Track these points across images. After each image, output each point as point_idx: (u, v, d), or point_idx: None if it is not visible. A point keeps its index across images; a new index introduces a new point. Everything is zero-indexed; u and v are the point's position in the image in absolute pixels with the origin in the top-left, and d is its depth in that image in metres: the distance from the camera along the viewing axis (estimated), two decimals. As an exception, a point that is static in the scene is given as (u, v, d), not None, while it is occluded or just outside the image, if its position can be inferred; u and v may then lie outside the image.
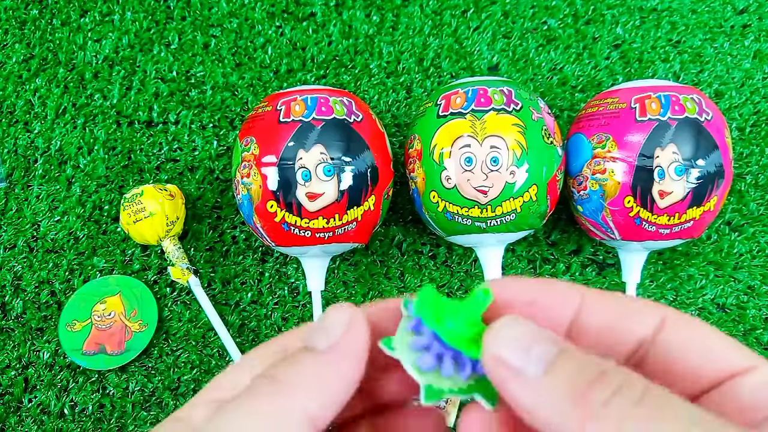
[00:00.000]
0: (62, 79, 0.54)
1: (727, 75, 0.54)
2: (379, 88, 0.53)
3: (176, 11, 0.56)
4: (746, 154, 0.52)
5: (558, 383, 0.14)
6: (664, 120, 0.40)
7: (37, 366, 0.47)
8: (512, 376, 0.14)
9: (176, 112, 0.53)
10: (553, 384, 0.14)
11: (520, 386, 0.14)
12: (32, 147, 0.52)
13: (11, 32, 0.55)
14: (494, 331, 0.15)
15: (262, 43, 0.55)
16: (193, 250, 0.50)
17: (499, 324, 0.15)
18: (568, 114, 0.53)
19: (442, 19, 0.55)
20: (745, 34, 0.55)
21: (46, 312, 0.48)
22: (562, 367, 0.14)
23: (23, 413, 0.46)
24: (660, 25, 0.55)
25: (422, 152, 0.42)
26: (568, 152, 0.45)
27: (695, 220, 0.41)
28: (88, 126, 0.53)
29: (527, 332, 0.15)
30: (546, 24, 0.55)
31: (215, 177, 0.52)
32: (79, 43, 0.55)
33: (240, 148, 0.42)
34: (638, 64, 0.54)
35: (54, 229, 0.50)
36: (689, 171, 0.39)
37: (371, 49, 0.54)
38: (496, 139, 0.39)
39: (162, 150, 0.52)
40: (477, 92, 0.41)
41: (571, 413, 0.13)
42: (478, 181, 0.40)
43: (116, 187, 0.51)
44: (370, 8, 0.55)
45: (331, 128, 0.40)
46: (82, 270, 0.49)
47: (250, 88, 0.53)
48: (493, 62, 0.54)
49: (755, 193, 0.51)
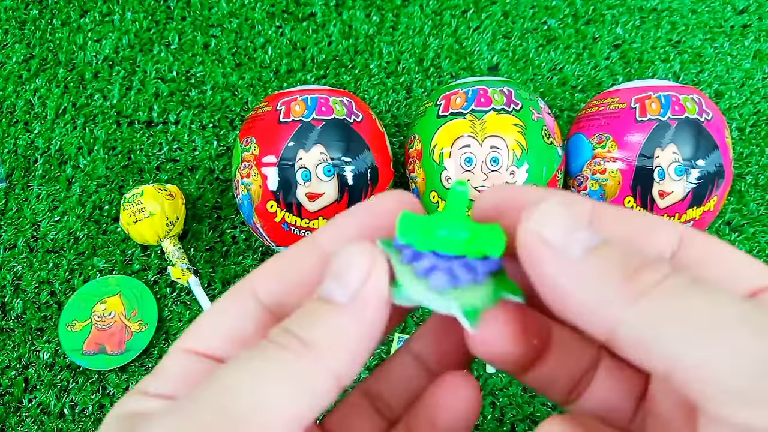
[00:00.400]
0: (62, 79, 0.54)
1: (727, 75, 0.54)
2: (379, 88, 0.53)
3: (176, 11, 0.56)
4: (746, 154, 0.52)
5: (603, 265, 0.13)
6: (664, 120, 0.40)
7: (37, 366, 0.47)
8: (552, 256, 0.13)
9: (176, 112, 0.53)
10: (598, 265, 0.13)
11: (560, 266, 0.13)
12: (32, 147, 0.52)
13: (11, 32, 0.55)
14: (536, 210, 0.14)
15: (262, 43, 0.55)
16: (193, 250, 0.50)
17: (542, 205, 0.14)
18: (568, 114, 0.53)
19: (442, 19, 0.55)
20: (745, 34, 0.55)
21: (46, 312, 0.48)
22: (607, 252, 0.13)
23: (23, 413, 0.46)
24: (660, 25, 0.55)
25: (422, 152, 0.42)
26: (568, 152, 0.45)
27: (695, 220, 0.41)
28: (88, 126, 0.53)
29: (571, 216, 0.14)
30: (546, 24, 0.55)
31: (215, 177, 0.52)
32: (79, 43, 0.55)
33: (240, 148, 0.42)
34: (638, 64, 0.54)
35: (54, 229, 0.50)
36: (689, 171, 0.39)
37: (371, 49, 0.54)
38: (496, 139, 0.40)
39: (162, 150, 0.52)
40: (477, 92, 0.41)
41: (613, 295, 0.12)
42: (478, 182, 0.40)
43: (116, 187, 0.51)
44: (370, 8, 0.55)
45: (331, 128, 0.40)
46: (82, 270, 0.49)
47: (250, 88, 0.53)
48: (493, 62, 0.54)
49: (755, 193, 0.51)
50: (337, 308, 0.14)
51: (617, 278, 0.12)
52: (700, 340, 0.11)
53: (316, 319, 0.14)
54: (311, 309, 0.14)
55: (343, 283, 0.14)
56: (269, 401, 0.13)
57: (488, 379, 0.47)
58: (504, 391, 0.46)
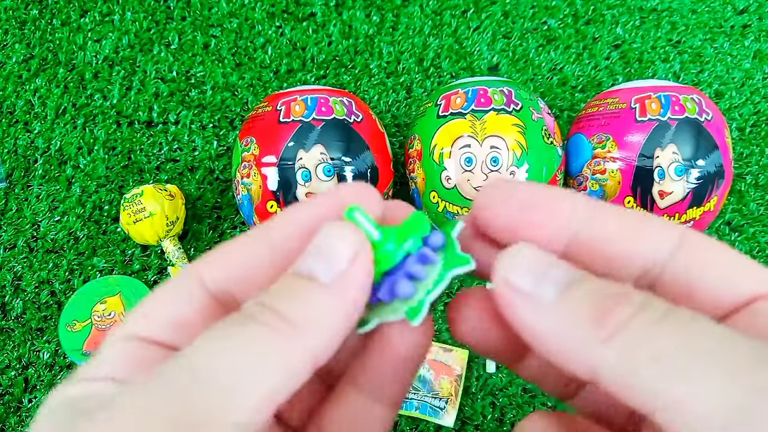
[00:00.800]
0: (62, 79, 0.54)
1: (727, 75, 0.54)
2: (379, 88, 0.53)
3: (176, 11, 0.56)
4: (746, 154, 0.52)
5: (575, 306, 0.13)
6: (664, 120, 0.40)
7: (37, 366, 0.47)
8: (525, 303, 0.13)
9: (176, 112, 0.53)
10: (570, 307, 0.13)
11: (534, 313, 0.13)
12: (32, 147, 0.52)
13: (11, 32, 0.55)
14: (506, 256, 0.14)
15: (262, 43, 0.55)
16: (193, 250, 0.50)
17: (511, 250, 0.14)
18: (568, 114, 0.53)
19: (442, 19, 0.55)
20: (745, 34, 0.55)
21: (46, 312, 0.48)
22: (578, 291, 0.13)
23: (23, 413, 0.46)
24: (660, 25, 0.55)
25: (422, 152, 0.42)
26: (568, 152, 0.45)
27: (695, 220, 0.41)
28: (88, 126, 0.53)
29: (540, 257, 0.14)
30: (546, 24, 0.55)
31: (215, 177, 0.52)
32: (79, 43, 0.55)
33: (240, 149, 0.42)
34: (638, 64, 0.54)
35: (54, 229, 0.50)
36: (689, 171, 0.39)
37: (371, 49, 0.54)
38: (496, 139, 0.39)
39: (162, 150, 0.52)
40: (477, 92, 0.41)
41: (589, 335, 0.12)
42: (478, 182, 0.40)
43: (116, 187, 0.51)
44: (370, 8, 0.55)
45: (331, 128, 0.40)
46: (82, 270, 0.49)
47: (250, 88, 0.53)
48: (493, 62, 0.54)
49: (755, 193, 0.51)
50: (319, 287, 0.14)
51: (591, 318, 0.12)
52: (675, 378, 0.11)
53: (296, 295, 0.13)
54: (290, 284, 0.14)
55: (330, 262, 0.14)
56: (244, 382, 0.12)
57: (488, 379, 0.47)
58: (504, 391, 0.46)
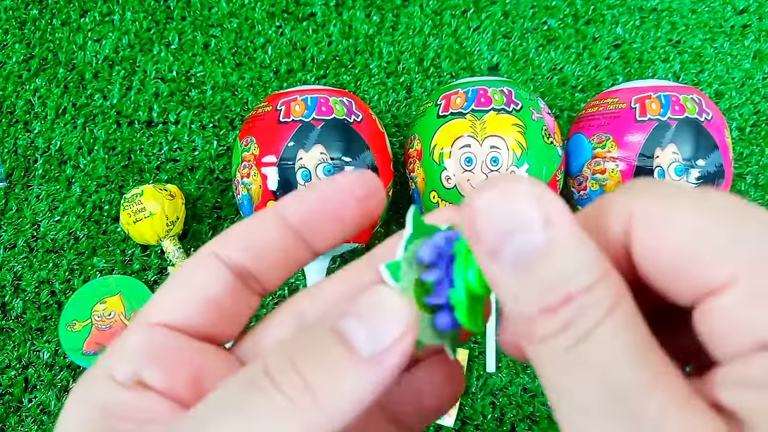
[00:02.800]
0: (62, 79, 0.54)
1: (727, 75, 0.54)
2: (379, 88, 0.53)
3: (176, 11, 0.55)
4: (746, 154, 0.52)
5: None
6: (664, 120, 0.40)
7: (37, 366, 0.47)
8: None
9: (176, 112, 0.53)
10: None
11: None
12: (32, 147, 0.52)
13: (11, 32, 0.55)
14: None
15: (262, 43, 0.55)
16: (193, 250, 0.50)
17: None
18: (568, 114, 0.53)
19: (442, 19, 0.55)
20: (745, 34, 0.55)
21: (46, 312, 0.48)
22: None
23: (23, 413, 0.46)
24: (660, 25, 0.55)
25: (422, 152, 0.42)
26: (568, 152, 0.45)
27: (695, 220, 0.41)
28: (88, 126, 0.53)
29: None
30: (546, 24, 0.55)
31: (215, 177, 0.52)
32: (79, 43, 0.55)
33: (240, 148, 0.42)
34: (638, 64, 0.54)
35: (54, 229, 0.50)
36: (689, 171, 0.39)
37: (371, 49, 0.54)
38: (496, 139, 0.39)
39: (162, 150, 0.52)
40: (477, 92, 0.41)
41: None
42: (478, 182, 0.40)
43: (116, 187, 0.51)
44: (370, 8, 0.55)
45: (331, 128, 0.40)
46: (82, 270, 0.49)
47: (250, 88, 0.53)
48: (493, 62, 0.54)
49: (755, 193, 0.51)
50: (356, 361, 0.13)
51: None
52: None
53: (328, 363, 0.13)
54: (324, 347, 0.13)
55: (374, 335, 0.13)
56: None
57: (488, 379, 0.47)
58: (504, 391, 0.46)
